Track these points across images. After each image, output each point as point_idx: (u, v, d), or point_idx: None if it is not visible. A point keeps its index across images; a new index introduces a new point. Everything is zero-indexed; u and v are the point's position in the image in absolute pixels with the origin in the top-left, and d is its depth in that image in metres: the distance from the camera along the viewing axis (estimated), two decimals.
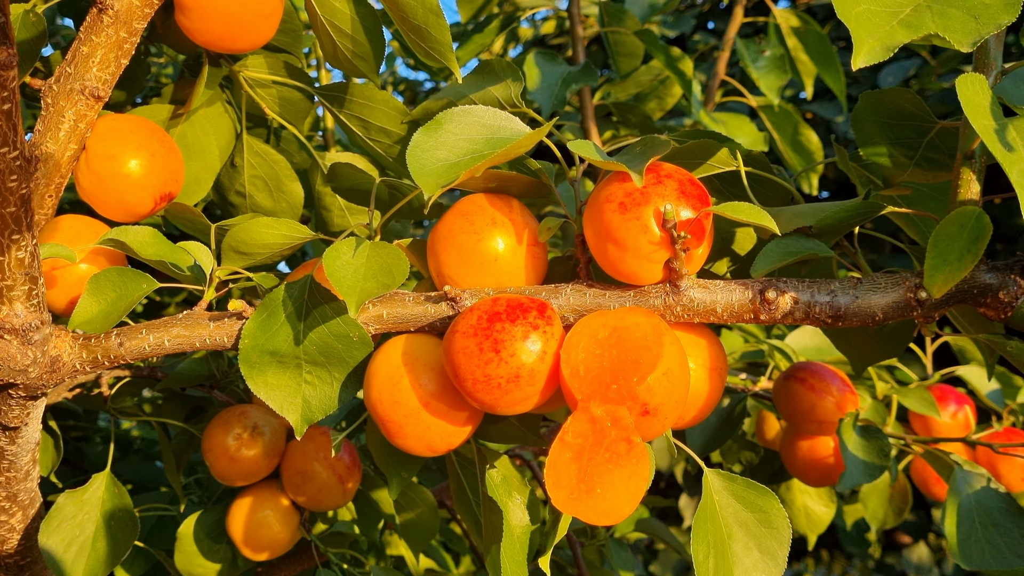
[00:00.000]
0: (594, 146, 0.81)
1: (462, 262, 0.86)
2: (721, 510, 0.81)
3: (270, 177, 1.18)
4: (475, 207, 0.88)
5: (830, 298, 0.77)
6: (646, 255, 0.78)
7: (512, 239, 0.86)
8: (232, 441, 1.17)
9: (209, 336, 0.89)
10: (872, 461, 1.11)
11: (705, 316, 0.81)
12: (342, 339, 0.86)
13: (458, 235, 0.86)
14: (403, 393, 0.83)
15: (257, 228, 0.91)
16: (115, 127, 1.00)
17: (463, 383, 0.78)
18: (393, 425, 0.84)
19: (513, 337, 0.77)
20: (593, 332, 0.77)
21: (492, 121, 0.83)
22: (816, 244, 0.80)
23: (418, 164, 0.79)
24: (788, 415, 1.24)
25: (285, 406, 0.88)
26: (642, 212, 0.77)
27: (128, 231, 0.95)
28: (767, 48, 1.90)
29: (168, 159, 1.02)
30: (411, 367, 0.84)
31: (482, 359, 0.76)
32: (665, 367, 0.73)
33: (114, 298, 0.92)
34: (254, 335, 0.87)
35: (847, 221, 0.80)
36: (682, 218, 0.77)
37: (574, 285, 0.84)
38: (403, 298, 0.87)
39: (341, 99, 1.10)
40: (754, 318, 0.79)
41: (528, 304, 0.79)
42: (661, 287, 0.81)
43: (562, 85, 1.47)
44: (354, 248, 0.84)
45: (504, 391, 0.77)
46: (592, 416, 0.74)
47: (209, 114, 1.11)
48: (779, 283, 0.79)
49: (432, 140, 0.81)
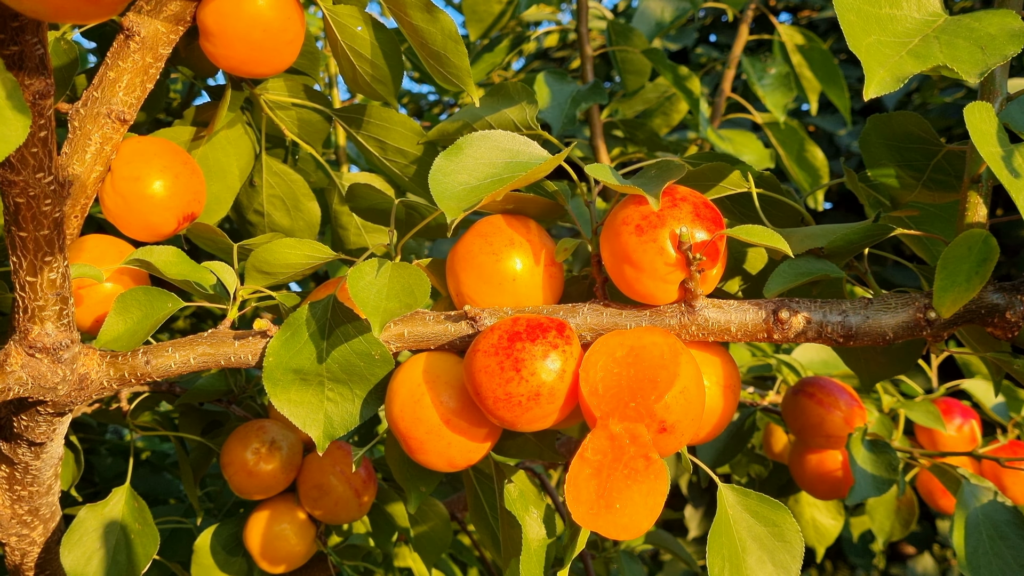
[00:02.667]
0: (610, 169, 0.83)
1: (481, 282, 0.89)
2: (735, 524, 0.83)
3: (288, 196, 1.20)
4: (494, 228, 0.90)
5: (842, 318, 0.79)
6: (662, 276, 0.80)
7: (530, 259, 0.88)
8: (251, 455, 1.19)
9: (234, 354, 0.92)
10: (881, 475, 1.13)
11: (719, 335, 0.83)
12: (364, 357, 0.88)
13: (477, 255, 0.89)
14: (424, 410, 0.85)
15: (281, 249, 0.93)
16: (140, 149, 1.02)
17: (484, 401, 0.80)
18: (415, 441, 0.86)
19: (533, 356, 0.79)
20: (611, 351, 0.79)
21: (511, 145, 0.85)
22: (827, 265, 0.82)
23: (440, 188, 0.81)
24: (797, 429, 1.26)
25: (308, 422, 0.90)
26: (658, 234, 0.79)
27: (153, 251, 0.97)
28: (772, 66, 1.92)
29: (191, 180, 1.04)
30: (432, 385, 0.86)
31: (503, 378, 0.78)
32: (682, 385, 0.76)
33: (140, 317, 0.95)
34: (278, 353, 0.89)
35: (857, 243, 0.83)
36: (697, 240, 0.79)
37: (591, 304, 0.87)
38: (423, 317, 0.89)
39: (359, 120, 1.12)
40: (767, 337, 0.81)
41: (547, 324, 0.81)
42: (677, 307, 0.83)
43: (572, 104, 1.50)
44: (376, 269, 0.86)
45: (525, 409, 0.79)
46: (611, 433, 0.76)
47: (230, 136, 1.13)
48: (792, 303, 0.81)
49: (453, 164, 0.83)
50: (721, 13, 4.40)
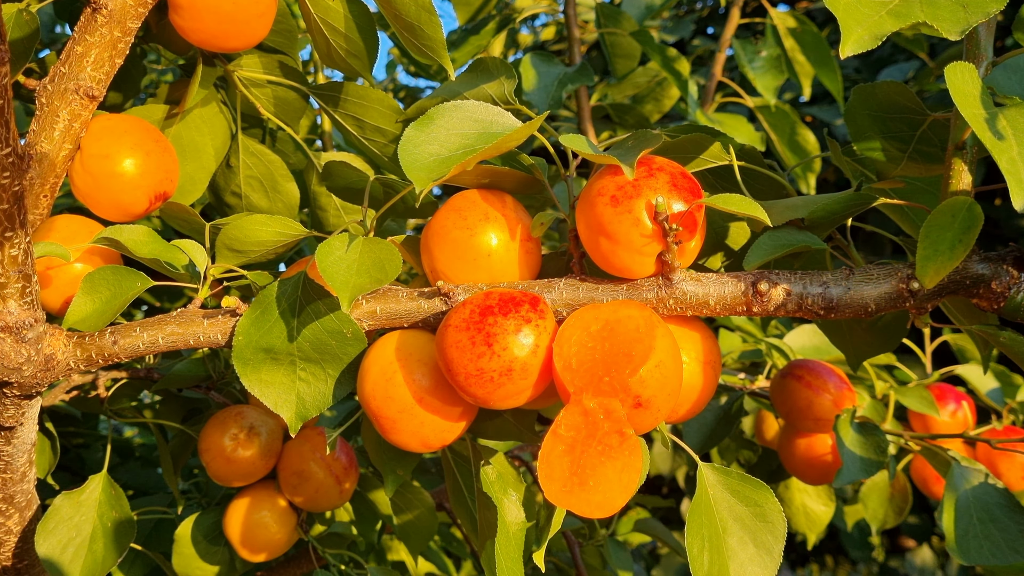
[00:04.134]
0: (586, 140, 0.81)
1: (455, 257, 0.86)
2: (715, 504, 0.80)
3: (266, 177, 1.18)
4: (468, 203, 0.88)
5: (822, 289, 0.77)
6: (638, 248, 0.78)
7: (505, 234, 0.86)
8: (228, 441, 1.17)
9: (203, 333, 0.89)
10: (869, 457, 1.10)
11: (698, 309, 0.81)
12: (336, 335, 0.86)
13: (451, 231, 0.86)
14: (397, 389, 0.83)
15: (251, 225, 0.91)
16: (110, 127, 1.00)
17: (456, 377, 0.78)
18: (387, 421, 0.84)
19: (505, 331, 0.76)
20: (585, 325, 0.77)
21: (483, 116, 0.83)
22: (808, 236, 0.80)
23: (410, 158, 0.79)
24: (786, 413, 1.24)
25: (279, 403, 0.88)
26: (634, 205, 0.77)
27: (123, 230, 0.95)
28: (764, 48, 1.90)
29: (163, 159, 1.02)
30: (404, 362, 0.84)
31: (474, 353, 0.76)
32: (657, 359, 0.73)
33: (108, 296, 0.92)
34: (248, 332, 0.87)
35: (839, 213, 0.80)
36: (674, 211, 0.77)
37: (567, 280, 0.84)
38: (396, 294, 0.87)
39: (336, 98, 1.10)
40: (747, 310, 0.79)
41: (520, 298, 0.79)
42: (654, 280, 0.81)
43: (558, 86, 1.47)
44: (347, 244, 0.84)
45: (497, 385, 0.77)
46: (585, 409, 0.74)
47: (204, 114, 1.11)
48: (772, 275, 0.78)
49: (423, 135, 0.81)
50: (717, 6, 4.38)
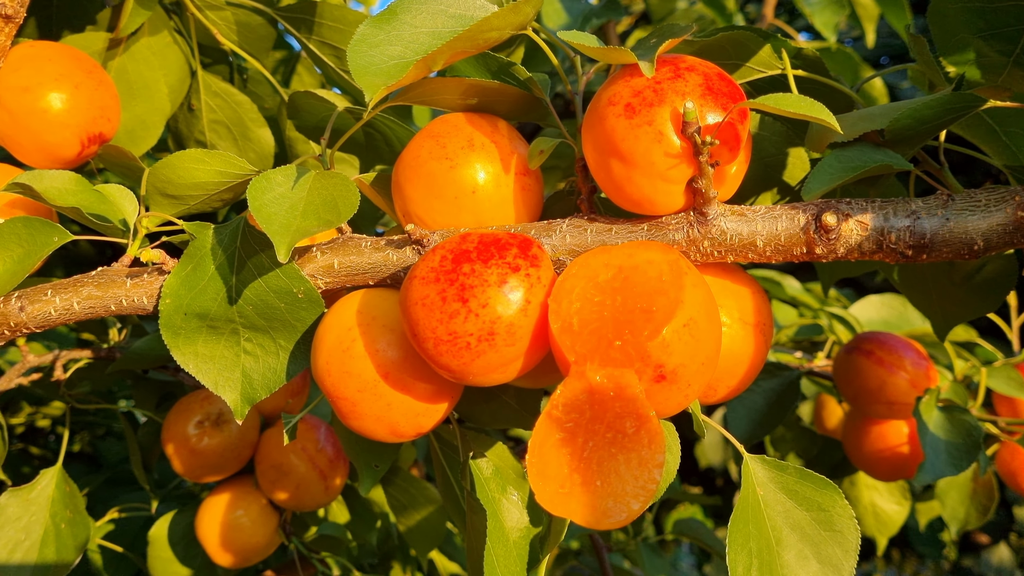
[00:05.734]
0: (595, 38, 0.62)
1: (432, 195, 0.68)
2: (767, 508, 0.62)
3: (233, 122, 1.01)
4: (449, 127, 0.69)
5: (911, 222, 0.57)
6: (661, 172, 0.59)
7: (495, 166, 0.68)
8: (193, 430, 1.01)
9: (126, 296, 0.73)
10: (958, 447, 0.90)
11: (742, 253, 0.61)
12: (285, 296, 0.69)
13: (427, 161, 0.68)
14: (356, 361, 0.65)
15: (184, 163, 0.74)
16: (30, 55, 0.84)
17: (423, 343, 0.60)
18: (345, 403, 0.66)
19: (485, 282, 0.58)
20: (592, 273, 0.58)
21: (463, 10, 0.65)
22: (889, 155, 0.60)
23: (363, 61, 0.61)
24: (852, 395, 1.04)
25: (220, 382, 0.71)
26: (655, 114, 0.58)
27: (43, 176, 0.79)
28: None
29: (96, 93, 0.85)
30: (366, 328, 0.66)
31: (446, 311, 0.58)
32: (687, 316, 0.54)
33: (21, 255, 0.76)
34: (177, 293, 0.70)
35: (930, 122, 0.60)
36: (708, 122, 0.58)
37: (572, 220, 0.66)
38: (358, 244, 0.69)
39: (309, 22, 0.93)
40: (807, 252, 0.60)
41: (507, 240, 0.60)
42: (683, 216, 0.62)
43: (582, 22, 1.28)
44: (293, 179, 0.67)
45: (475, 353, 0.58)
46: (589, 384, 0.55)
47: (153, 45, 0.94)
48: (841, 204, 0.59)
49: (383, 33, 0.63)
50: None
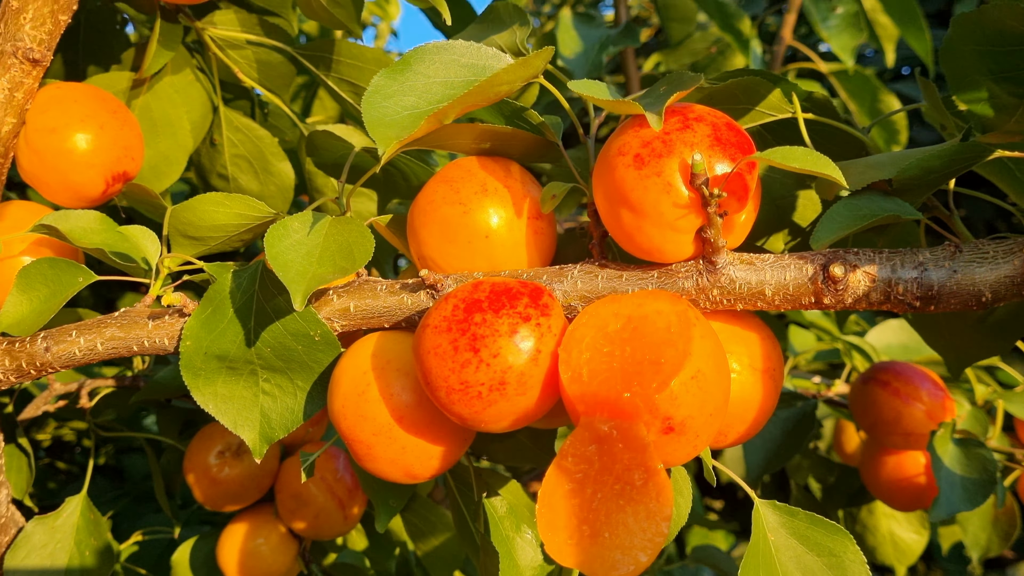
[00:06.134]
0: (606, 87, 0.63)
1: (446, 240, 0.69)
2: (778, 553, 0.62)
3: (255, 156, 1.03)
4: (462, 172, 0.71)
5: (918, 273, 0.57)
6: (670, 222, 0.59)
7: (508, 211, 0.69)
8: (214, 460, 1.02)
9: (148, 338, 0.74)
10: (974, 480, 0.90)
11: (751, 301, 0.62)
12: (302, 339, 0.70)
13: (441, 206, 0.69)
14: (371, 405, 0.66)
15: (205, 207, 0.75)
16: (57, 96, 0.86)
17: (436, 392, 0.61)
18: (360, 446, 0.67)
19: (497, 332, 0.59)
20: (602, 323, 0.59)
21: (476, 60, 0.66)
22: (898, 204, 0.61)
23: (376, 113, 0.62)
24: (869, 426, 1.04)
25: (239, 422, 0.73)
26: (664, 165, 0.59)
27: (68, 216, 0.81)
28: (839, 5, 1.68)
29: (121, 133, 0.87)
30: (381, 373, 0.67)
31: (457, 360, 0.59)
32: (695, 368, 0.55)
33: (47, 294, 0.78)
34: (197, 335, 0.71)
35: (938, 172, 0.61)
36: (717, 172, 0.58)
37: (583, 266, 0.67)
38: (374, 287, 0.70)
39: (327, 60, 0.94)
40: (815, 302, 0.60)
41: (518, 290, 0.61)
42: (692, 265, 0.63)
43: (599, 49, 1.29)
44: (309, 225, 0.68)
45: (486, 402, 0.59)
46: (598, 434, 0.56)
47: (176, 83, 0.96)
48: (848, 255, 0.59)
49: (397, 84, 0.64)
50: None
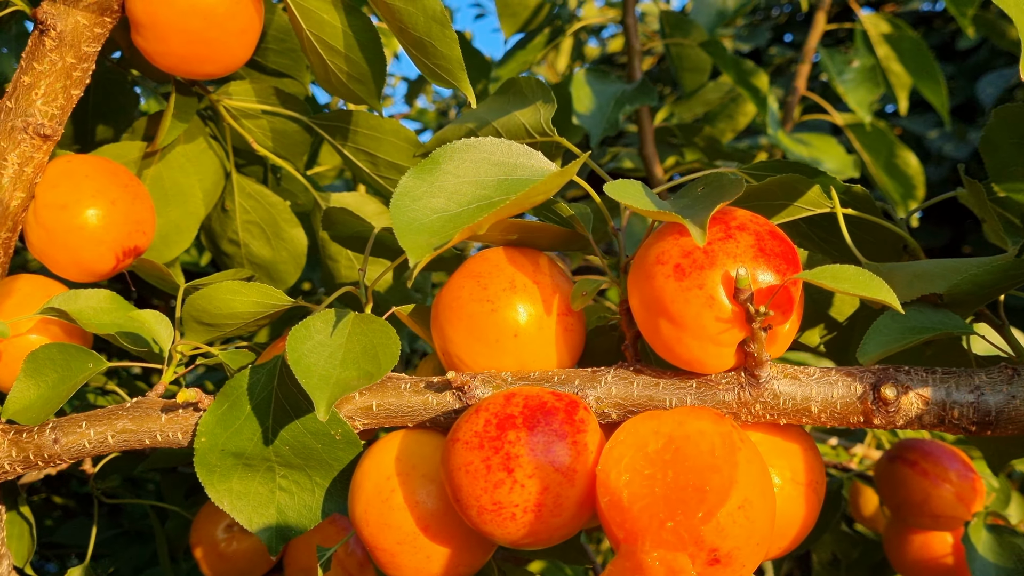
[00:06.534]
0: (641, 187, 0.61)
1: (473, 338, 0.67)
2: None
3: (267, 223, 1.00)
4: (490, 266, 0.68)
5: (975, 397, 0.55)
6: (712, 336, 0.57)
7: (538, 308, 0.66)
8: (222, 533, 0.99)
9: (160, 431, 0.72)
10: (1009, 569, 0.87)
11: (795, 417, 0.60)
12: (322, 438, 0.68)
13: (468, 303, 0.67)
14: (395, 513, 0.64)
15: (221, 295, 0.73)
16: (67, 171, 0.83)
17: (467, 511, 0.58)
18: (384, 554, 0.65)
19: (532, 451, 0.57)
20: (641, 443, 0.56)
21: (506, 158, 0.63)
22: (949, 317, 0.58)
23: (406, 218, 0.60)
24: (895, 506, 1.01)
25: (255, 519, 0.70)
26: (706, 278, 0.56)
27: (78, 296, 0.78)
28: (855, 58, 1.66)
29: (133, 207, 0.85)
30: (406, 479, 0.64)
31: (490, 480, 0.57)
32: (741, 497, 0.53)
33: (55, 380, 0.75)
34: (212, 432, 0.69)
35: (992, 286, 0.58)
36: (761, 283, 0.56)
37: (617, 370, 0.64)
38: (398, 385, 0.68)
39: (344, 130, 0.92)
40: (864, 421, 0.58)
41: (552, 404, 0.59)
42: (734, 376, 0.60)
43: (615, 106, 1.27)
44: (332, 325, 0.65)
45: (521, 524, 0.57)
46: (641, 564, 0.53)
47: (189, 152, 0.94)
48: (900, 374, 0.57)
49: (426, 185, 0.61)
50: (796, 11, 4.11)
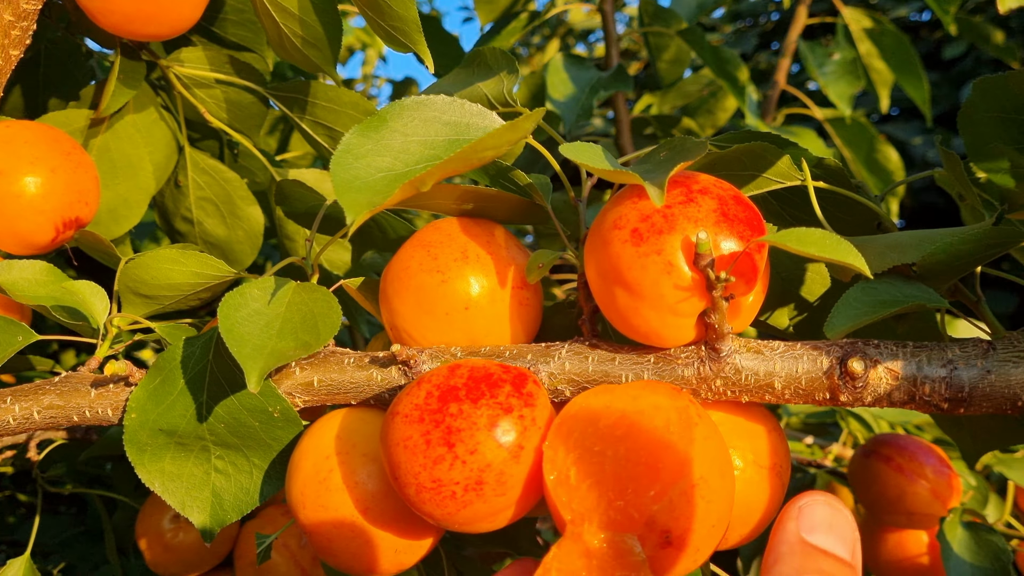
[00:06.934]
0: (601, 151, 0.57)
1: (422, 311, 0.63)
2: None
3: (222, 200, 0.96)
4: (442, 236, 0.64)
5: (947, 372, 0.52)
6: (671, 306, 0.53)
7: (491, 280, 0.63)
8: (168, 524, 0.95)
9: (89, 408, 0.67)
10: (986, 569, 0.84)
11: (758, 394, 0.56)
12: (260, 415, 0.64)
13: (417, 274, 0.63)
14: (333, 495, 0.60)
15: (158, 264, 0.69)
16: (6, 136, 0.79)
17: (404, 489, 0.54)
18: (320, 538, 0.60)
19: (474, 425, 0.53)
20: (593, 417, 0.53)
21: (458, 117, 0.60)
22: (922, 290, 0.55)
23: (347, 175, 0.56)
24: (870, 503, 0.98)
25: (188, 502, 0.66)
26: (664, 243, 0.53)
27: (12, 267, 0.74)
28: (836, 51, 1.64)
29: (75, 176, 0.81)
30: (345, 458, 0.60)
31: (430, 456, 0.53)
32: (697, 476, 0.49)
33: None
34: (144, 408, 0.65)
35: (968, 257, 0.55)
36: (723, 251, 0.53)
37: (572, 345, 0.60)
38: (341, 360, 0.64)
39: (302, 102, 0.88)
40: (830, 398, 0.54)
41: (499, 376, 0.55)
42: (694, 351, 0.57)
43: (589, 92, 1.23)
44: (270, 293, 0.62)
45: (461, 503, 0.53)
46: (587, 547, 0.49)
47: (138, 122, 0.90)
48: (869, 348, 0.53)
49: (371, 143, 0.58)
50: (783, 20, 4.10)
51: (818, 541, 0.42)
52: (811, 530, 0.42)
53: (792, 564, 0.41)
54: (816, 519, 0.42)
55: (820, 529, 0.42)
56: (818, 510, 0.43)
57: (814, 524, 0.42)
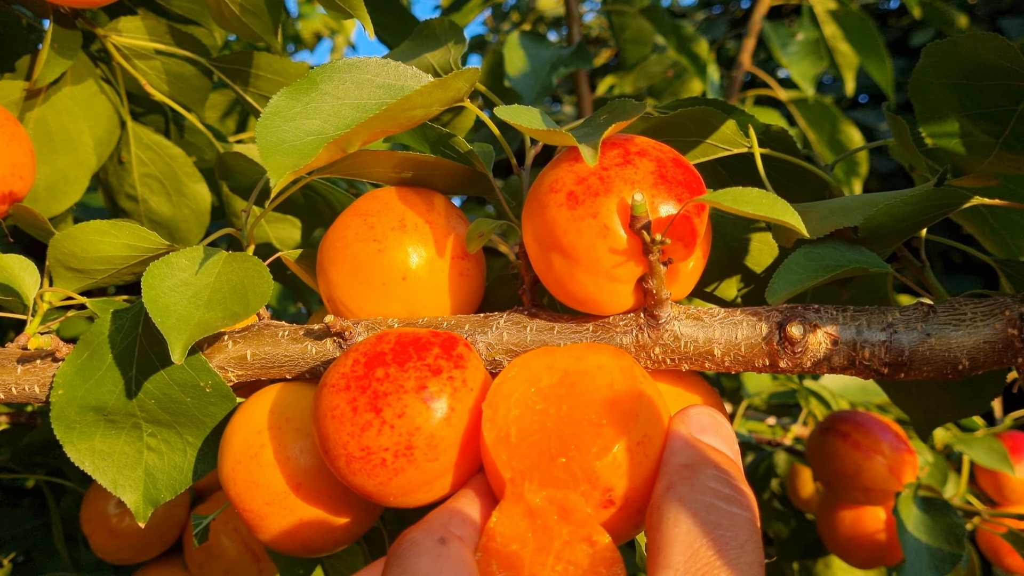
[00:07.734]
0: (538, 113, 0.56)
1: (358, 281, 0.61)
2: None
3: (167, 177, 0.94)
4: (379, 204, 0.63)
5: (887, 336, 0.50)
6: (607, 270, 0.52)
7: (430, 250, 0.61)
8: (114, 509, 0.93)
9: (16, 384, 0.65)
10: (941, 548, 0.83)
11: (697, 361, 0.55)
12: (191, 390, 0.62)
13: (353, 243, 0.61)
14: (264, 470, 0.58)
15: (89, 236, 0.67)
16: None
17: (335, 461, 0.52)
18: (251, 515, 0.59)
19: (401, 388, 0.51)
20: (534, 377, 0.51)
21: (392, 80, 0.58)
22: (864, 255, 0.54)
23: (274, 139, 0.54)
24: (827, 479, 0.97)
25: (120, 481, 0.64)
26: (600, 206, 0.51)
27: None
28: (800, 31, 1.63)
29: (8, 149, 0.78)
30: (277, 432, 0.58)
31: (357, 423, 0.51)
32: (641, 432, 0.47)
33: None
34: (71, 384, 0.62)
35: (912, 220, 0.54)
36: (661, 214, 0.51)
37: (511, 315, 0.59)
38: (275, 333, 0.62)
39: (245, 74, 0.86)
40: (770, 364, 0.53)
41: (428, 339, 0.53)
42: (632, 318, 0.55)
43: (549, 70, 1.22)
44: (199, 263, 0.59)
45: (392, 470, 0.51)
46: (529, 507, 0.48)
47: (77, 94, 0.87)
48: (809, 312, 0.52)
49: (300, 105, 0.56)
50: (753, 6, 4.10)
51: (708, 439, 0.47)
52: (701, 431, 0.48)
53: (689, 455, 0.46)
54: (704, 423, 0.48)
55: (709, 431, 0.48)
56: (704, 416, 0.48)
57: (703, 426, 0.48)
